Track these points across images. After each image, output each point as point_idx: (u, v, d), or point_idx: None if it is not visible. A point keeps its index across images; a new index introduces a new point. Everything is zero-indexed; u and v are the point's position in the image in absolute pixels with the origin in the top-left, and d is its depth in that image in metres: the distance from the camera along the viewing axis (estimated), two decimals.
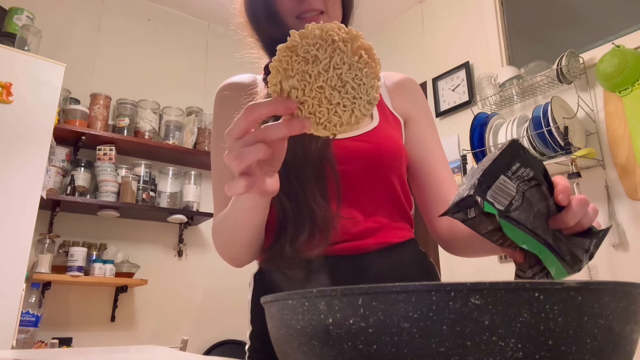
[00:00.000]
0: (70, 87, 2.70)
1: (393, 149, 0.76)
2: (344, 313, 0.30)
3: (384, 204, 0.75)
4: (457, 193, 0.43)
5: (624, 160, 2.00)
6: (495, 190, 0.42)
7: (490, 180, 0.42)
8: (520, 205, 0.43)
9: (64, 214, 2.67)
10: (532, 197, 0.44)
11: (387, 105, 0.84)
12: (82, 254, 2.51)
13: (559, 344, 0.27)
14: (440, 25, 3.09)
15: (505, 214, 0.42)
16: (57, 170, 2.56)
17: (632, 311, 0.30)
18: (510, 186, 0.43)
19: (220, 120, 0.77)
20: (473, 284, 0.27)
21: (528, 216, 0.43)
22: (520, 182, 0.43)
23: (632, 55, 1.97)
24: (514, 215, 0.42)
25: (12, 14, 2.36)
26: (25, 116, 2.05)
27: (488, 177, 0.42)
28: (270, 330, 0.38)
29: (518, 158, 0.43)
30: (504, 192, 0.42)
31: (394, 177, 0.76)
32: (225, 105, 0.78)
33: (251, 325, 0.77)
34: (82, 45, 2.96)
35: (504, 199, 0.42)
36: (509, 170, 0.42)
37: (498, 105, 2.52)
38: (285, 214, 0.66)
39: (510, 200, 0.42)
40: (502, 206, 0.42)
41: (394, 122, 0.82)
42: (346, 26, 0.78)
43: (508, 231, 0.42)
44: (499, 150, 0.43)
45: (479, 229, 0.44)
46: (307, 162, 0.66)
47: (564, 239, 0.46)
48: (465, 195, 0.42)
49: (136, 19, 3.22)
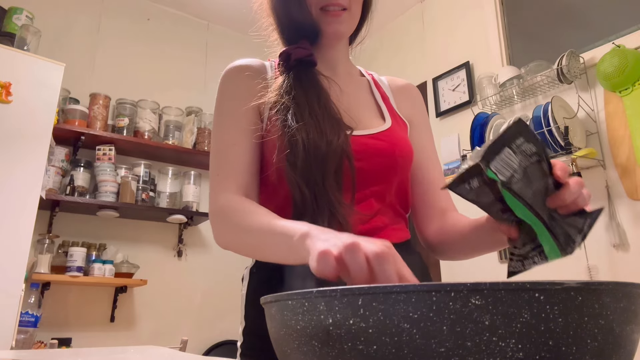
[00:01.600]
0: (69, 87, 2.70)
1: (406, 150, 0.77)
2: (344, 313, 0.30)
3: (390, 203, 0.76)
4: (461, 167, 0.44)
5: (624, 160, 2.00)
6: (499, 161, 0.43)
7: (495, 152, 0.43)
8: (521, 179, 0.44)
9: (63, 214, 2.67)
10: (533, 173, 0.45)
11: (394, 108, 0.85)
12: (82, 254, 2.51)
13: (559, 344, 0.27)
14: (440, 25, 3.09)
15: (507, 185, 0.43)
16: (57, 170, 2.56)
17: (633, 311, 0.30)
18: (513, 159, 0.44)
19: (228, 99, 0.76)
20: (473, 284, 0.27)
21: (527, 191, 0.44)
22: (523, 157, 0.44)
23: (632, 55, 1.97)
24: (515, 187, 0.44)
25: (12, 14, 2.36)
26: (24, 116, 2.05)
27: (493, 149, 0.43)
28: (270, 330, 0.37)
29: (523, 134, 0.44)
30: (507, 164, 0.43)
31: (403, 177, 0.77)
32: (234, 85, 0.77)
33: (244, 320, 0.76)
34: (81, 45, 2.96)
35: (507, 170, 0.43)
36: (513, 144, 0.44)
37: (498, 105, 2.52)
38: (304, 202, 0.66)
39: (512, 172, 0.43)
40: (505, 177, 0.43)
41: (402, 125, 0.83)
42: (362, 25, 0.82)
43: (509, 200, 0.43)
44: (505, 127, 0.44)
45: (480, 199, 0.45)
46: (329, 156, 0.67)
47: (559, 219, 0.47)
48: (472, 165, 0.42)
49: (136, 19, 3.22)
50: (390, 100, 0.86)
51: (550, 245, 0.46)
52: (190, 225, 3.04)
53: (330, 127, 0.65)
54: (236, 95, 0.76)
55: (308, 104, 0.70)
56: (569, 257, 1.67)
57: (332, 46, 0.81)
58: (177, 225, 3.03)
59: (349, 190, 0.69)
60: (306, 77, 0.75)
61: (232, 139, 0.73)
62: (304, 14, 0.74)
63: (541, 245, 0.46)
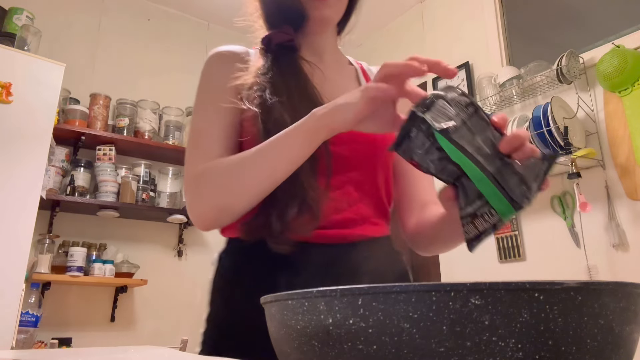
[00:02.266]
0: (69, 87, 2.70)
1: (388, 139, 0.75)
2: (344, 313, 0.30)
3: (368, 194, 0.75)
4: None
5: (624, 161, 2.00)
6: (434, 111, 0.44)
7: (429, 105, 0.45)
8: (459, 129, 0.44)
9: (63, 214, 2.67)
10: (474, 126, 0.45)
11: None
12: (82, 254, 2.51)
13: (559, 344, 0.27)
14: (440, 25, 3.09)
15: (445, 133, 0.44)
16: (57, 170, 2.56)
17: (632, 311, 0.30)
18: (448, 109, 0.45)
19: (208, 81, 0.77)
20: (473, 284, 0.27)
21: (470, 142, 0.44)
22: (459, 109, 0.45)
23: (632, 56, 1.97)
24: (453, 136, 0.44)
25: (12, 14, 2.36)
26: (24, 116, 2.05)
27: (425, 102, 0.45)
28: (270, 330, 0.37)
29: (453, 89, 0.46)
30: (442, 114, 0.44)
31: (383, 169, 0.76)
32: (215, 69, 0.77)
33: (209, 306, 0.74)
34: (81, 45, 2.96)
35: (442, 118, 0.44)
36: (445, 97, 0.45)
37: (498, 105, 2.52)
38: (277, 189, 0.64)
39: (448, 120, 0.44)
40: (441, 125, 0.44)
41: None
42: (351, 13, 0.81)
43: (444, 145, 0.43)
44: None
45: (417, 150, 0.45)
46: None
47: (515, 166, 0.45)
48: (408, 116, 0.45)
49: (136, 18, 3.22)
50: None
51: (502, 204, 0.44)
52: (191, 225, 3.04)
53: (305, 108, 0.63)
54: (217, 79, 0.76)
55: (285, 85, 0.70)
56: (569, 257, 1.68)
57: (319, 32, 0.80)
58: (177, 225, 3.03)
59: (324, 175, 0.68)
60: (285, 61, 0.74)
61: (210, 118, 0.73)
62: (293, 2, 0.73)
63: (490, 204, 0.44)
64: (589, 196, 2.07)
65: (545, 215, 2.26)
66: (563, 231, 2.17)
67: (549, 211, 2.24)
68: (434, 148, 0.44)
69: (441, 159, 0.45)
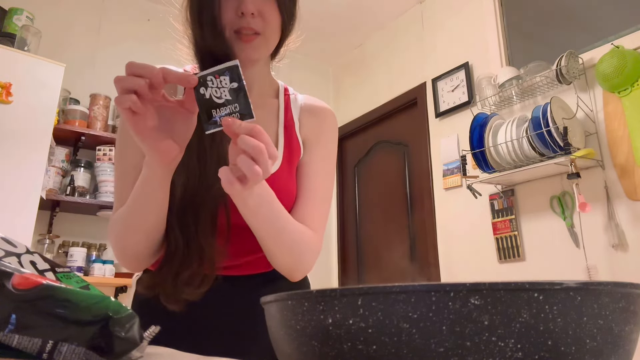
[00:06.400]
0: (70, 88, 2.70)
1: (288, 197, 0.77)
2: (344, 313, 0.30)
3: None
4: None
5: (623, 161, 2.00)
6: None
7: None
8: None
9: (63, 214, 2.67)
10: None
11: (296, 132, 0.83)
12: (82, 254, 2.51)
13: (559, 344, 0.27)
14: (440, 25, 3.09)
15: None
16: (57, 171, 2.56)
17: (631, 311, 0.30)
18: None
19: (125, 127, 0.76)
20: (472, 284, 0.27)
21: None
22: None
23: (631, 56, 1.97)
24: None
25: (12, 14, 2.36)
26: (25, 116, 2.05)
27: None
28: (270, 330, 0.38)
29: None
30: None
31: None
32: None
33: None
34: (81, 45, 2.96)
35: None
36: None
37: (497, 106, 2.52)
38: (177, 245, 0.67)
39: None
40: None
41: (296, 154, 0.82)
42: (279, 50, 0.82)
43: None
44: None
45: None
46: (206, 202, 0.68)
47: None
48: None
49: (136, 19, 3.22)
50: (295, 125, 0.84)
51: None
52: None
53: (214, 172, 0.62)
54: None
55: (198, 148, 0.68)
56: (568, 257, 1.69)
57: (247, 68, 0.78)
58: None
59: (224, 231, 0.70)
60: None
61: (133, 161, 0.72)
62: (218, 40, 0.71)
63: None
64: (589, 196, 2.07)
65: (544, 215, 2.26)
66: (562, 231, 2.17)
67: (549, 211, 2.24)
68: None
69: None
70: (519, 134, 2.19)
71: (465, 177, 2.45)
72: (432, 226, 2.84)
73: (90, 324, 0.38)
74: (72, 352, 0.37)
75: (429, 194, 2.91)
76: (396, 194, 3.21)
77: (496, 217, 2.46)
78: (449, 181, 2.79)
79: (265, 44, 0.75)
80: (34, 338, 0.37)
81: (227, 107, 0.54)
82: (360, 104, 3.65)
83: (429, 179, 2.93)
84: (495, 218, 2.46)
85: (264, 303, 0.37)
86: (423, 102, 3.11)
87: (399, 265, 3.08)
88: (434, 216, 2.85)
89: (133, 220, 0.66)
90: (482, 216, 2.53)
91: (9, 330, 0.36)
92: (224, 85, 0.54)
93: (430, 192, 2.91)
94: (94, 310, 0.38)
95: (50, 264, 0.51)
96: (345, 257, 3.55)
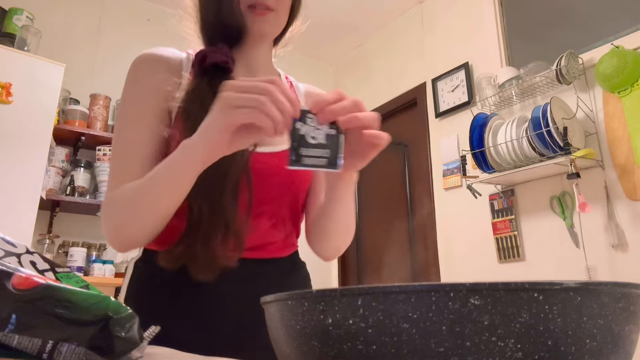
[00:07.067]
0: (70, 88, 2.70)
1: (305, 173, 0.79)
2: (344, 313, 0.30)
3: (282, 219, 0.78)
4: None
5: (623, 161, 2.00)
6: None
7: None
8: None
9: (63, 214, 2.67)
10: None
11: None
12: (82, 254, 2.51)
13: (558, 344, 0.27)
14: (440, 25, 3.09)
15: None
16: (57, 171, 2.56)
17: (631, 311, 0.30)
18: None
19: (137, 90, 0.73)
20: (472, 284, 0.27)
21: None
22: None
23: (631, 56, 1.97)
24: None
25: (12, 15, 2.36)
26: (24, 116, 2.05)
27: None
28: (270, 330, 0.38)
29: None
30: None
31: (298, 198, 0.79)
32: (147, 76, 0.74)
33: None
34: (82, 45, 2.96)
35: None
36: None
37: (497, 106, 2.53)
38: (201, 215, 0.65)
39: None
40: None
41: None
42: (289, 27, 0.82)
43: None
44: None
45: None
46: (230, 172, 0.67)
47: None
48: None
49: (136, 19, 3.22)
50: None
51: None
52: None
53: None
54: (147, 88, 0.72)
55: None
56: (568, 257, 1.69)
57: (255, 46, 0.79)
58: None
59: (245, 206, 0.70)
60: (220, 86, 0.73)
61: (137, 136, 0.69)
62: (234, 13, 0.72)
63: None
64: (588, 196, 2.07)
65: (544, 215, 2.26)
66: (562, 231, 2.17)
67: (549, 211, 2.24)
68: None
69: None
70: (519, 134, 2.19)
71: (465, 177, 2.45)
72: (432, 226, 2.84)
73: (90, 324, 0.38)
74: (72, 352, 0.37)
75: (429, 194, 2.91)
76: (396, 194, 3.21)
77: (496, 217, 2.46)
78: (449, 181, 2.79)
79: (277, 20, 0.77)
80: (34, 338, 0.37)
81: (318, 150, 0.53)
82: None
83: (429, 179, 2.93)
84: (495, 218, 2.46)
85: (264, 303, 0.37)
86: (423, 102, 3.11)
87: (398, 265, 3.08)
88: (434, 216, 2.85)
89: (150, 201, 0.62)
90: (482, 216, 2.53)
91: (9, 330, 0.36)
92: (322, 129, 0.54)
93: (430, 192, 2.91)
94: (93, 310, 0.38)
95: (50, 264, 0.51)
96: (345, 257, 3.55)
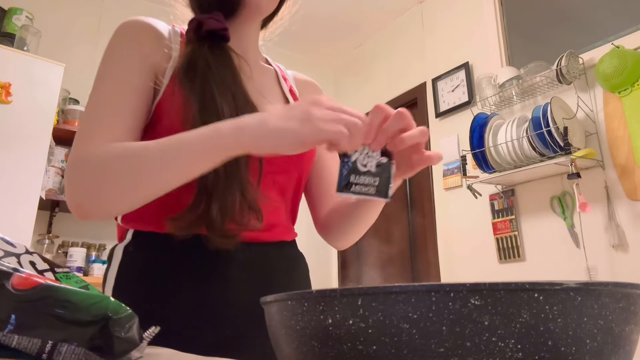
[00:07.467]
0: (69, 87, 2.70)
1: (311, 151, 0.78)
2: (344, 314, 0.30)
3: (287, 200, 0.77)
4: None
5: (623, 161, 2.00)
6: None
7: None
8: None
9: (63, 214, 2.67)
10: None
11: (297, 95, 0.85)
12: (81, 254, 2.51)
13: (559, 344, 0.27)
14: (440, 25, 3.09)
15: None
16: (56, 171, 2.55)
17: (632, 312, 0.30)
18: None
19: (121, 50, 0.70)
20: (472, 284, 0.27)
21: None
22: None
23: (631, 56, 1.97)
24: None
25: (12, 14, 2.36)
26: (24, 116, 2.05)
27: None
28: (270, 330, 0.37)
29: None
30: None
31: (302, 176, 0.79)
32: (131, 38, 0.71)
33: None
34: (81, 45, 2.96)
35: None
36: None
37: (498, 106, 2.52)
38: (217, 178, 0.60)
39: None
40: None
41: None
42: (278, 10, 0.81)
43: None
44: None
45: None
46: None
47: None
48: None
49: None
50: (296, 93, 0.85)
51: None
52: None
53: (244, 107, 0.62)
54: (131, 49, 0.69)
55: (222, 80, 0.66)
56: (569, 257, 1.69)
57: (248, 22, 0.77)
58: None
59: (256, 174, 0.68)
60: (217, 52, 0.69)
61: (117, 92, 0.64)
62: None
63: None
64: (589, 197, 2.07)
65: (544, 215, 2.26)
66: (563, 231, 2.17)
67: (549, 211, 2.24)
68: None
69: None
70: (519, 134, 2.19)
71: (465, 177, 2.45)
72: (432, 226, 2.84)
73: (90, 324, 0.38)
74: (71, 352, 0.37)
75: (429, 194, 2.91)
76: (396, 194, 3.20)
77: (496, 217, 2.46)
78: (449, 181, 2.79)
79: None
80: (34, 338, 0.37)
81: (368, 177, 0.53)
82: (361, 104, 3.65)
83: (429, 179, 2.93)
84: (496, 218, 2.46)
85: (264, 303, 0.37)
86: (423, 102, 3.11)
87: (398, 266, 3.08)
88: (434, 216, 2.85)
89: (155, 172, 0.55)
90: (482, 216, 2.53)
91: (8, 330, 0.36)
92: (374, 156, 0.53)
93: (430, 192, 2.91)
94: (93, 310, 0.38)
95: (50, 264, 0.51)
96: (345, 257, 3.55)
